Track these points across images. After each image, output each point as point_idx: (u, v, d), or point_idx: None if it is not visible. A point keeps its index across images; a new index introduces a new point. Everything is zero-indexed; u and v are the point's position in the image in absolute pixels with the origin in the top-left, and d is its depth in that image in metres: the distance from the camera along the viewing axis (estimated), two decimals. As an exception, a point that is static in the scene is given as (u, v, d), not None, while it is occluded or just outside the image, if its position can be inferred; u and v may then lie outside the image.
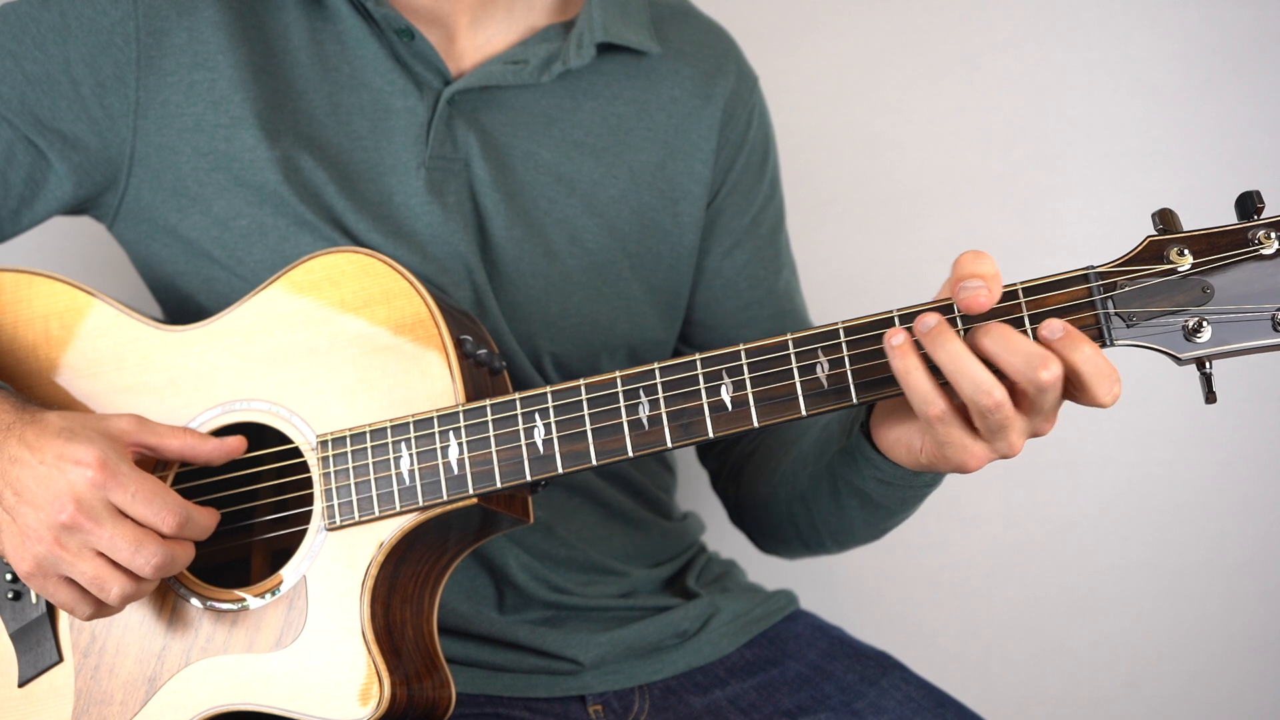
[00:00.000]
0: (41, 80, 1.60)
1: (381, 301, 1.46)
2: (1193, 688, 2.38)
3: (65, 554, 1.37)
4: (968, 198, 2.34)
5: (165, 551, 1.37)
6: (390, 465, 1.42)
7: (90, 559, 1.37)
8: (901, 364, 1.27)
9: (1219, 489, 2.35)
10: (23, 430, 1.40)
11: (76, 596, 1.40)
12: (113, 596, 1.39)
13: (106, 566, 1.38)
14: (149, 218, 1.64)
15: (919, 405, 1.28)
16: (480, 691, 1.64)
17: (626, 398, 1.37)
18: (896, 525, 1.62)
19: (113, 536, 1.36)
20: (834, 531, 1.67)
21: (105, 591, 1.38)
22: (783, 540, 1.80)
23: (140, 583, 1.39)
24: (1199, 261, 1.24)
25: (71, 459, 1.36)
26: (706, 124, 1.79)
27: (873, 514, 1.57)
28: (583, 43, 1.69)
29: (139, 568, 1.37)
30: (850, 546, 1.72)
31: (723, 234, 1.82)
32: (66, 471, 1.36)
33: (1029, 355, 1.23)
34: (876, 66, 2.36)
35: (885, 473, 1.46)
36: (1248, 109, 2.30)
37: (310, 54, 1.65)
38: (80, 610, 1.41)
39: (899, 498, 1.51)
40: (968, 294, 1.26)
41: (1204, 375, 1.26)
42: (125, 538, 1.36)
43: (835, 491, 1.57)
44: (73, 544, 1.37)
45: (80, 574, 1.38)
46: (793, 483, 1.68)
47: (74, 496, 1.36)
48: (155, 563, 1.37)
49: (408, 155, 1.64)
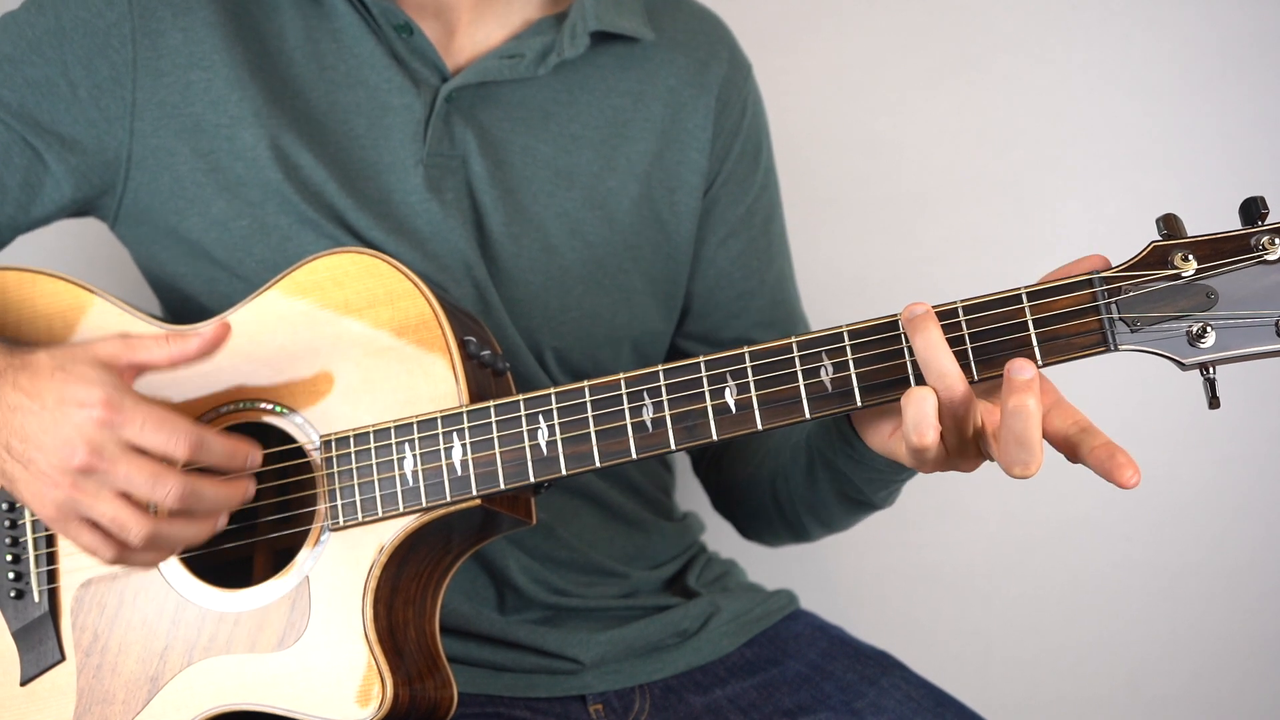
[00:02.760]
0: (39, 84, 1.60)
1: (386, 302, 1.46)
2: (1193, 688, 2.38)
3: (84, 496, 1.36)
4: (968, 198, 2.34)
5: (186, 481, 1.35)
6: (394, 466, 1.42)
7: (110, 499, 1.36)
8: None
9: (1219, 489, 2.35)
10: (15, 376, 1.39)
11: (99, 539, 1.38)
12: (133, 536, 1.36)
13: (126, 506, 1.36)
14: (149, 219, 1.64)
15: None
16: (481, 691, 1.64)
17: (630, 399, 1.38)
18: (873, 510, 1.63)
19: (129, 473, 1.34)
20: (810, 508, 1.67)
21: (126, 531, 1.36)
22: (765, 522, 1.80)
23: (159, 523, 1.37)
24: (1203, 267, 1.24)
25: (75, 401, 1.35)
26: (701, 113, 1.79)
27: (843, 487, 1.57)
28: (576, 32, 1.68)
29: (160, 499, 1.35)
30: (828, 528, 1.73)
31: (717, 223, 1.82)
32: (71, 415, 1.34)
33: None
34: (876, 66, 2.35)
35: (856, 449, 1.46)
36: (1248, 109, 2.30)
37: (306, 53, 1.65)
38: (104, 553, 1.39)
39: (868, 479, 1.52)
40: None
41: (1207, 380, 1.26)
42: (142, 472, 1.34)
43: (810, 463, 1.58)
44: (90, 486, 1.35)
45: (101, 515, 1.36)
46: (776, 459, 1.69)
47: (84, 439, 1.34)
48: (176, 493, 1.34)
49: (405, 153, 1.64)
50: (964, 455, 1.32)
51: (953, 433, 1.29)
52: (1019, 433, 1.23)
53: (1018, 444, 1.23)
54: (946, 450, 1.31)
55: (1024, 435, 1.23)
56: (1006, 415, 1.23)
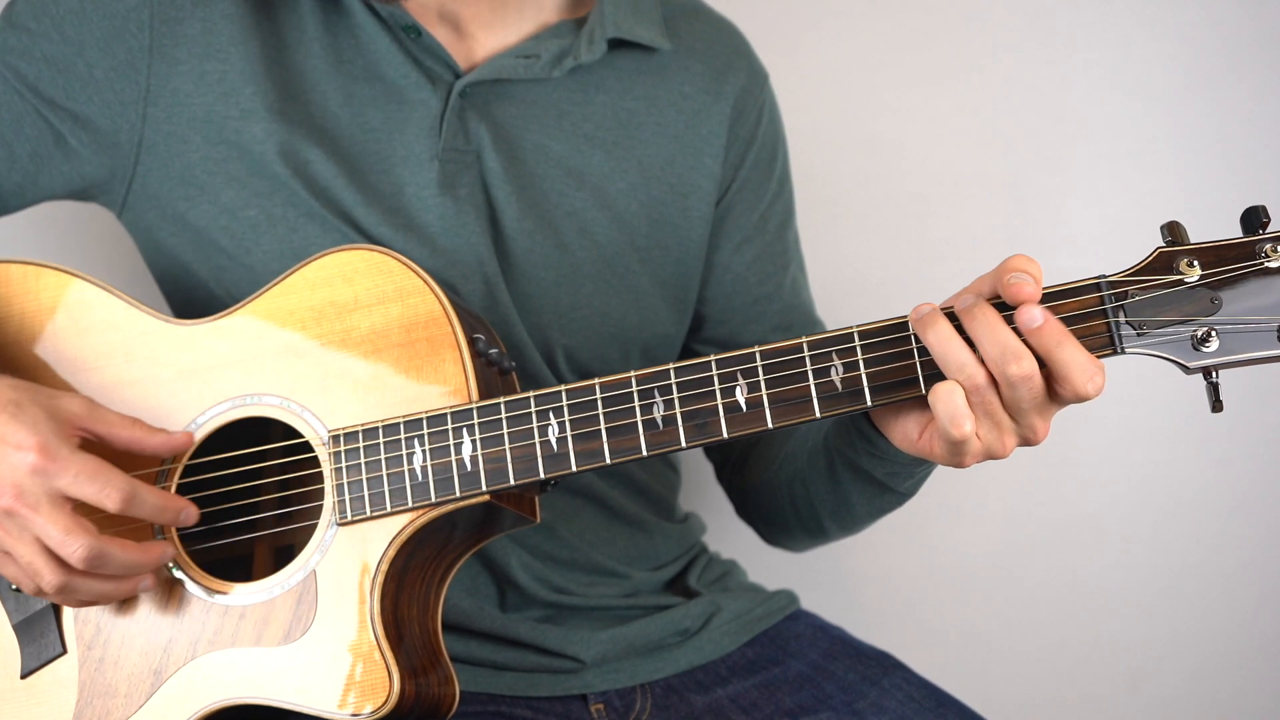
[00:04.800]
0: (57, 61, 1.61)
1: (395, 299, 1.46)
2: (1193, 688, 2.38)
3: (5, 536, 1.38)
4: (968, 198, 2.35)
5: (94, 544, 1.37)
6: (403, 461, 1.42)
7: (28, 544, 1.38)
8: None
9: (1219, 489, 2.35)
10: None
11: (20, 575, 1.41)
12: (45, 583, 1.39)
13: (40, 554, 1.38)
14: (157, 205, 1.64)
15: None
16: (482, 690, 1.65)
17: (641, 397, 1.38)
18: (894, 508, 1.63)
19: (45, 524, 1.36)
20: (832, 511, 1.67)
21: (39, 578, 1.39)
22: (785, 528, 1.81)
23: (72, 575, 1.39)
24: (1207, 273, 1.27)
25: (13, 442, 1.36)
26: (716, 120, 1.79)
27: (866, 488, 1.57)
28: (594, 38, 1.69)
29: (68, 555, 1.37)
30: (850, 528, 1.73)
31: (732, 230, 1.82)
32: (7, 455, 1.36)
33: (1004, 347, 1.27)
34: (877, 66, 2.36)
35: (880, 448, 1.47)
36: (1248, 109, 2.31)
37: (324, 46, 1.65)
38: (26, 586, 1.42)
39: (892, 473, 1.52)
40: (1015, 285, 1.28)
41: (1211, 384, 1.29)
42: (56, 525, 1.36)
43: (831, 465, 1.59)
44: (13, 527, 1.38)
45: (18, 556, 1.39)
46: (794, 463, 1.69)
47: (12, 482, 1.36)
48: (81, 554, 1.36)
49: (421, 147, 1.64)
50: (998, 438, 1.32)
51: (985, 419, 1.30)
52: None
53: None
54: (980, 439, 1.31)
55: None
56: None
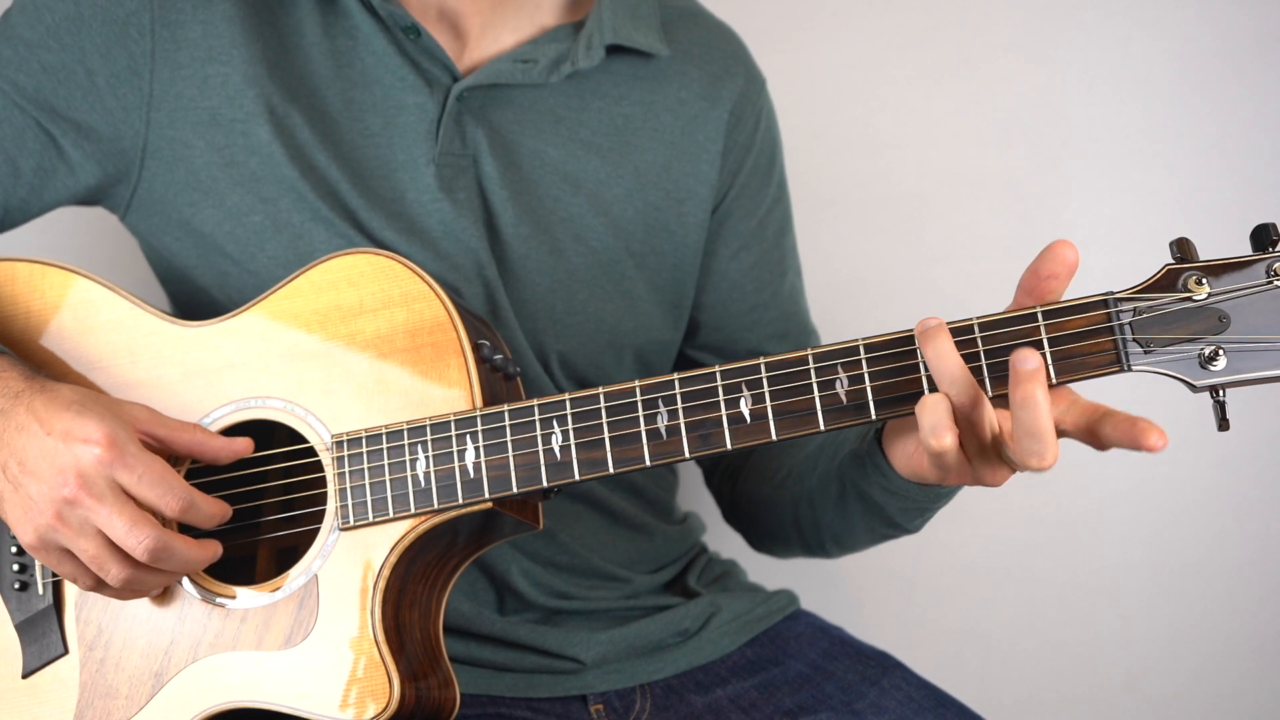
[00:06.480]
0: (57, 70, 1.60)
1: (400, 304, 1.46)
2: (1193, 688, 2.39)
3: (66, 529, 1.38)
4: (968, 198, 2.35)
5: (161, 537, 1.37)
6: (406, 467, 1.42)
7: (90, 537, 1.38)
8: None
9: (1219, 489, 2.36)
10: (32, 399, 1.40)
11: (78, 569, 1.41)
12: (112, 577, 1.39)
13: (105, 546, 1.38)
14: (162, 210, 1.64)
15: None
16: (482, 692, 1.65)
17: (645, 407, 1.38)
18: (899, 536, 1.63)
19: (110, 515, 1.36)
20: (836, 535, 1.68)
21: (104, 571, 1.39)
22: (782, 541, 1.81)
23: (137, 569, 1.40)
24: (1215, 291, 1.26)
25: (80, 435, 1.37)
26: (713, 126, 1.79)
27: (875, 520, 1.57)
28: (592, 44, 1.69)
29: (131, 548, 1.37)
30: (849, 551, 1.73)
31: (730, 236, 1.82)
32: (74, 447, 1.36)
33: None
34: (876, 66, 2.36)
35: (893, 483, 1.47)
36: (1248, 109, 2.31)
37: (324, 50, 1.65)
38: (81, 581, 1.42)
39: (903, 509, 1.52)
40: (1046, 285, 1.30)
41: (1217, 403, 1.28)
42: (122, 516, 1.36)
43: (842, 494, 1.58)
44: (74, 519, 1.37)
45: (80, 551, 1.39)
46: (800, 483, 1.68)
47: (78, 472, 1.36)
48: (148, 545, 1.36)
49: (418, 151, 1.64)
50: (987, 463, 1.32)
51: (971, 438, 1.30)
52: (1029, 424, 1.22)
53: (1029, 435, 1.23)
54: (968, 457, 1.31)
55: (1034, 426, 1.22)
56: (1015, 408, 1.23)
